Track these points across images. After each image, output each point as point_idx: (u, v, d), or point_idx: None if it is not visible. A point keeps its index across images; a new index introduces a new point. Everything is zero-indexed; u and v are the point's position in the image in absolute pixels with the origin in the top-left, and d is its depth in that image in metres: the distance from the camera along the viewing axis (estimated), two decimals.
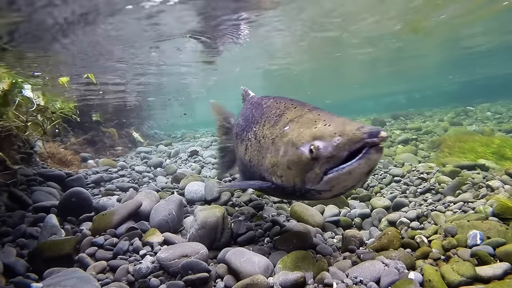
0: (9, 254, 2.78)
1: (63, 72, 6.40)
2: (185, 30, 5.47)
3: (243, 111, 3.53)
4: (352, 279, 2.31)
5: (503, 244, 2.56)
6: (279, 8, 5.57)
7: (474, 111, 13.92)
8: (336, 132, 2.27)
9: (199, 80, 12.64)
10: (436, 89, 41.06)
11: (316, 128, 2.41)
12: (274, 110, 2.95)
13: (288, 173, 2.51)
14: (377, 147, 2.14)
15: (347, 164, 2.20)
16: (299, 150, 2.40)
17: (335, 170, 2.24)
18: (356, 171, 2.19)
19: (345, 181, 2.27)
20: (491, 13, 8.25)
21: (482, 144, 5.84)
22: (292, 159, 2.45)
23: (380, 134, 2.12)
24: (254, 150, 2.99)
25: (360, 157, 2.16)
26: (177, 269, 2.49)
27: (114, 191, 4.94)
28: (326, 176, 2.28)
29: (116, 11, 4.09)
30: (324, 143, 2.28)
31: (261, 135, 2.92)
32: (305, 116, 2.61)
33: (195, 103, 24.14)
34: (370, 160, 2.16)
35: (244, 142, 3.21)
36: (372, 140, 2.12)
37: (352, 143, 2.17)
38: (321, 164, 2.29)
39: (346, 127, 2.26)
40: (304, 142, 2.39)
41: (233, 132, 3.72)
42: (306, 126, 2.50)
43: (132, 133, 11.03)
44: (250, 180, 3.13)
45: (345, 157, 2.21)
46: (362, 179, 2.32)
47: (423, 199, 4.25)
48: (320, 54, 11.23)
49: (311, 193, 2.45)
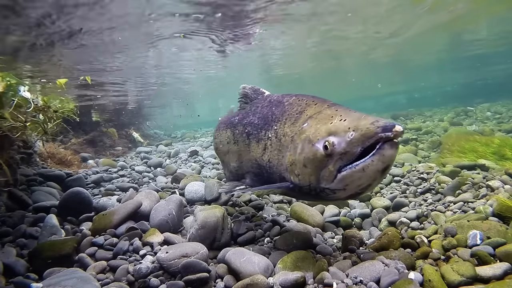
0: (9, 254, 2.78)
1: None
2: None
3: (257, 109, 3.30)
4: (352, 279, 2.31)
5: (503, 244, 2.55)
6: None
7: (474, 111, 13.92)
8: (350, 127, 2.18)
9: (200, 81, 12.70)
10: (436, 89, 41.09)
11: (332, 123, 2.32)
12: (295, 108, 2.83)
13: (304, 171, 2.43)
14: (391, 142, 2.05)
15: (361, 161, 2.11)
16: (315, 146, 2.32)
17: (349, 168, 2.16)
18: (370, 168, 2.09)
19: (359, 179, 2.17)
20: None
21: (482, 144, 5.84)
22: (308, 156, 2.37)
23: (394, 128, 2.02)
24: (275, 149, 2.86)
25: (373, 153, 2.07)
26: (177, 269, 2.49)
27: (114, 191, 4.94)
28: (339, 174, 2.20)
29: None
30: (338, 138, 2.19)
31: (282, 134, 2.80)
32: (323, 112, 2.52)
33: (195, 103, 24.19)
34: (384, 156, 2.06)
35: (262, 142, 3.05)
36: (386, 134, 2.02)
37: (366, 138, 2.08)
38: (334, 161, 2.20)
39: (360, 121, 2.16)
40: (320, 138, 2.30)
41: (232, 133, 3.55)
42: (323, 122, 2.41)
43: (132, 133, 11.03)
44: (267, 183, 3.02)
45: (359, 154, 2.13)
46: (377, 178, 2.20)
47: (423, 199, 4.26)
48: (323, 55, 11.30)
49: (325, 193, 2.37)
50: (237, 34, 6.39)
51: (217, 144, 3.93)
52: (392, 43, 11.04)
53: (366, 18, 7.77)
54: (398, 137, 2.07)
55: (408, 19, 8.38)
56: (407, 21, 8.48)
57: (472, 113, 13.59)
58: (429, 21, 8.79)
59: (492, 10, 9.12)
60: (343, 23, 7.59)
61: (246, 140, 3.31)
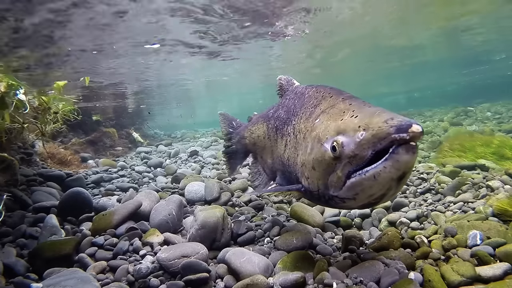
0: (9, 254, 2.77)
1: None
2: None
3: (285, 102, 3.05)
4: (352, 279, 2.31)
5: (503, 244, 2.56)
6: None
7: (474, 111, 13.93)
8: (360, 125, 1.84)
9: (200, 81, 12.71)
10: (436, 89, 41.12)
11: (342, 120, 2.00)
12: (312, 101, 2.52)
13: (313, 175, 2.15)
14: (407, 146, 1.70)
15: (372, 167, 1.79)
16: (323, 146, 2.02)
17: (358, 174, 1.85)
18: (382, 176, 1.76)
19: (370, 188, 1.85)
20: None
21: (482, 144, 5.84)
22: (316, 157, 2.08)
23: (411, 128, 1.66)
24: (292, 147, 2.57)
25: (386, 158, 1.74)
26: (177, 269, 2.49)
27: (114, 191, 4.94)
28: (348, 180, 1.90)
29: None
30: (347, 138, 1.88)
31: (298, 130, 2.50)
32: (336, 107, 2.19)
33: (195, 104, 24.20)
34: (399, 162, 1.71)
35: (284, 138, 2.76)
36: (400, 136, 1.67)
37: (377, 140, 1.75)
38: (343, 165, 1.89)
39: (373, 119, 1.82)
40: (328, 137, 2.00)
41: (267, 127, 3.29)
42: (334, 118, 2.09)
43: (132, 133, 11.03)
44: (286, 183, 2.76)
45: (371, 157, 1.81)
46: (392, 187, 1.85)
47: (423, 199, 4.25)
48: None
49: (334, 201, 2.08)
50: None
51: (255, 140, 3.64)
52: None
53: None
54: (416, 139, 1.71)
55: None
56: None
57: (472, 113, 13.60)
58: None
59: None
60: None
61: (275, 135, 3.02)
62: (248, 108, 12.84)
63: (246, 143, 3.84)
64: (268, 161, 3.32)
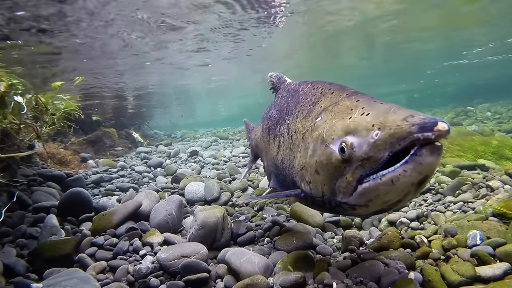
0: (9, 254, 2.78)
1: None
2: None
3: (277, 101, 2.92)
4: (352, 279, 2.31)
5: (503, 244, 2.55)
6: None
7: (474, 111, 13.93)
8: (374, 123, 1.66)
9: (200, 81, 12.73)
10: (436, 88, 41.12)
11: (351, 118, 1.82)
12: (309, 98, 2.37)
13: (316, 179, 1.96)
14: (431, 146, 1.52)
15: (389, 170, 1.60)
16: (329, 148, 1.84)
17: (372, 178, 1.66)
18: (401, 180, 1.57)
19: (386, 194, 1.66)
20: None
21: (481, 144, 5.83)
22: (320, 160, 1.90)
23: (436, 127, 1.48)
24: (287, 148, 2.42)
25: (406, 160, 1.55)
26: (177, 269, 2.49)
27: (114, 191, 4.94)
28: (360, 185, 1.71)
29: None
30: (359, 139, 1.70)
31: (294, 129, 2.35)
32: (340, 104, 2.02)
33: (195, 104, 24.22)
34: (422, 165, 1.53)
35: (277, 139, 2.62)
36: (424, 135, 1.49)
37: (396, 140, 1.56)
38: (354, 168, 1.71)
39: (389, 116, 1.64)
40: (335, 138, 1.82)
41: (261, 128, 3.24)
42: (340, 116, 1.91)
43: (132, 133, 11.04)
44: (281, 188, 2.62)
45: (387, 160, 1.62)
46: (411, 192, 1.67)
47: (423, 199, 4.25)
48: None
49: (342, 208, 1.89)
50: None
51: (256, 141, 3.58)
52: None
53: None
54: (442, 139, 1.53)
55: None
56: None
57: (472, 113, 13.61)
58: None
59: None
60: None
61: (268, 136, 2.91)
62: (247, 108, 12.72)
63: (252, 145, 3.98)
64: (264, 163, 3.29)
